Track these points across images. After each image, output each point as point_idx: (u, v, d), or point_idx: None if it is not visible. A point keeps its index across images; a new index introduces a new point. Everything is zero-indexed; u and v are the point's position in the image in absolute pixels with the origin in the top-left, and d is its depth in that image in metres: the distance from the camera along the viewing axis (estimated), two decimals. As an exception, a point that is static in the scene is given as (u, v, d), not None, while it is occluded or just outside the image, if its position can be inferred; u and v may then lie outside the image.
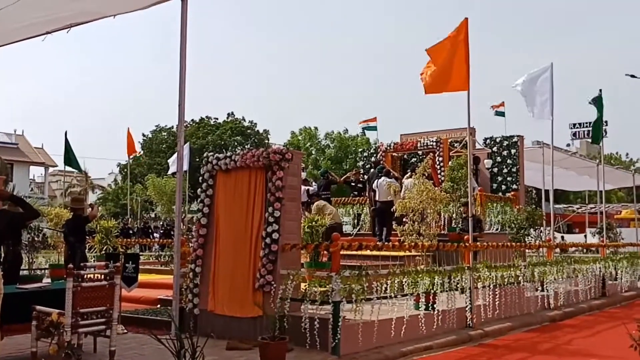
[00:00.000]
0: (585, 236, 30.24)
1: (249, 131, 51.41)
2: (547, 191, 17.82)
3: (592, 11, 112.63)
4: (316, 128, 50.09)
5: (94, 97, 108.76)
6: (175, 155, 23.81)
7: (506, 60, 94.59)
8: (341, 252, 8.54)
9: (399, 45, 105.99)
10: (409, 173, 15.15)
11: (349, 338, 7.70)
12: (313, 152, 48.51)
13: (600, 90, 16.43)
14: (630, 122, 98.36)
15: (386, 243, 12.41)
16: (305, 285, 8.36)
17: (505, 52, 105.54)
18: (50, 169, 52.24)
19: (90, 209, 11.91)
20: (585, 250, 20.16)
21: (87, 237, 12.20)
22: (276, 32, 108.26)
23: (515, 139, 18.16)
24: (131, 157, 32.28)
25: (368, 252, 11.11)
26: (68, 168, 24.43)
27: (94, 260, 11.49)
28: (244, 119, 51.96)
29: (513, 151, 18.01)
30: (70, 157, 21.00)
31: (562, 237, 29.03)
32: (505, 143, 18.17)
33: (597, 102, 16.37)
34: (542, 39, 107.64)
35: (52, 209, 14.28)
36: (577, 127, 52.54)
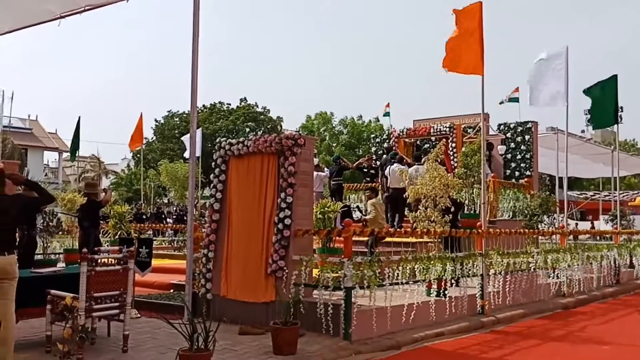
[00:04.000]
0: (592, 223, 30.02)
1: (262, 117, 51.36)
2: (560, 178, 17.68)
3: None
4: (332, 113, 50.01)
5: (108, 82, 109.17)
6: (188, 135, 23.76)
7: (520, 45, 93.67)
8: (353, 238, 8.54)
9: (413, 31, 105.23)
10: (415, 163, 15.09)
11: (360, 324, 7.71)
12: (327, 137, 48.44)
13: (616, 75, 16.09)
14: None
15: (398, 229, 12.39)
16: (317, 271, 8.37)
17: (519, 37, 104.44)
18: (64, 154, 52.44)
19: (104, 193, 11.98)
20: (599, 237, 20.03)
21: (101, 222, 12.29)
22: (291, 18, 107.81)
23: (529, 125, 18.04)
24: (134, 150, 31.89)
25: (380, 238, 11.11)
26: (82, 153, 24.49)
27: (107, 245, 11.58)
28: (256, 105, 51.92)
29: (527, 137, 17.89)
30: (75, 142, 21.06)
31: (577, 224, 28.86)
32: (519, 129, 18.06)
33: (607, 87, 15.91)
34: (556, 23, 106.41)
35: (66, 194, 14.37)
36: (586, 114, 51.74)
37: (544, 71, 14.77)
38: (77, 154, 22.40)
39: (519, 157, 17.91)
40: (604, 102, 15.90)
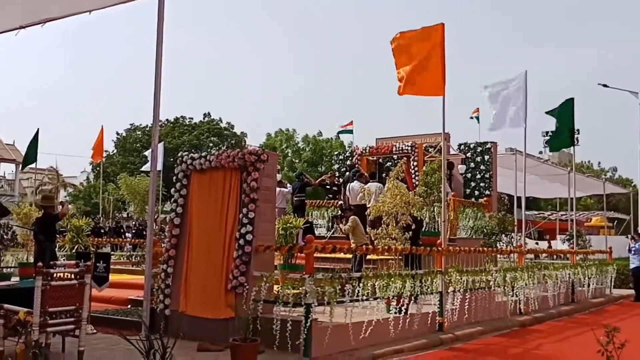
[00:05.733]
0: (549, 242, 30.63)
1: (226, 132, 51.18)
2: (519, 198, 18.05)
3: (566, 22, 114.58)
4: (294, 130, 50.20)
5: (69, 94, 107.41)
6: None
7: (481, 66, 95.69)
8: (315, 255, 8.54)
9: (376, 50, 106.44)
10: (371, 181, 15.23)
11: (320, 340, 7.69)
12: (289, 154, 48.54)
13: (572, 98, 16.50)
14: (602, 131, 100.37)
15: (360, 246, 12.43)
16: (278, 287, 8.34)
17: (480, 58, 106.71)
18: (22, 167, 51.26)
19: (60, 206, 11.75)
20: (555, 257, 20.44)
21: (58, 236, 12.03)
22: (256, 34, 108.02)
23: (489, 146, 18.40)
24: (96, 162, 31.59)
25: (342, 255, 11.14)
26: (39, 165, 23.97)
27: (64, 259, 11.33)
28: (221, 120, 51.72)
29: (486, 157, 18.24)
30: (29, 153, 20.60)
31: (537, 242, 29.39)
32: (479, 149, 18.40)
33: (564, 110, 16.31)
34: (515, 47, 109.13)
35: (22, 208, 14.01)
36: (550, 135, 52.87)
37: (502, 94, 15.05)
38: (35, 165, 21.87)
39: (478, 176, 18.24)
40: (561, 125, 16.32)
